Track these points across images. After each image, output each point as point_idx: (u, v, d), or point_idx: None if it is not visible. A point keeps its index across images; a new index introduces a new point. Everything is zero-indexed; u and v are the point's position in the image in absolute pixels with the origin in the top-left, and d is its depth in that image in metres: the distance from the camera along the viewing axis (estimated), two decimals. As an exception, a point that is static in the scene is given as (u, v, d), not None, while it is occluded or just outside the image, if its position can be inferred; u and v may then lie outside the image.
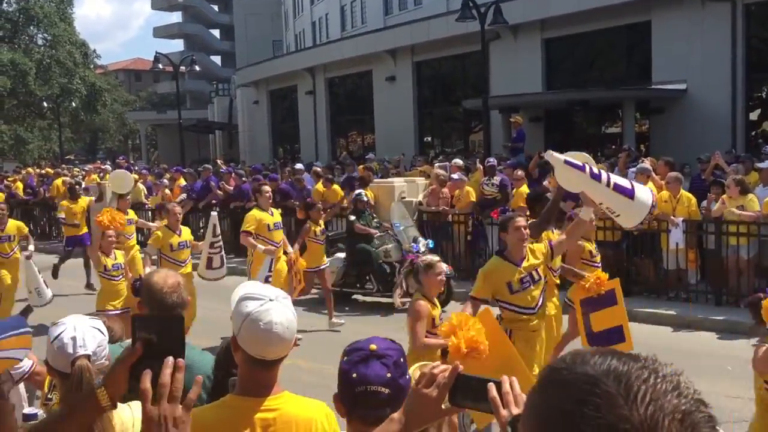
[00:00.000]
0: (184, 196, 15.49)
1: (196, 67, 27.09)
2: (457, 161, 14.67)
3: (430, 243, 11.09)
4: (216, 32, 67.06)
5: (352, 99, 30.36)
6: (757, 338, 4.48)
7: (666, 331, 9.07)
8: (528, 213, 6.97)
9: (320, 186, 14.33)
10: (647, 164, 11.07)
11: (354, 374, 1.94)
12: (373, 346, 1.97)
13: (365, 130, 29.66)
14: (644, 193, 4.96)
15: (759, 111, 19.18)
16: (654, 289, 10.50)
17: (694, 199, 10.24)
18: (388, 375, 1.94)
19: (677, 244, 9.91)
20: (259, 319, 2.10)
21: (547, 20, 20.80)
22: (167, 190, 15.95)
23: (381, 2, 35.00)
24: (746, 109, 18.21)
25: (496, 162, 12.99)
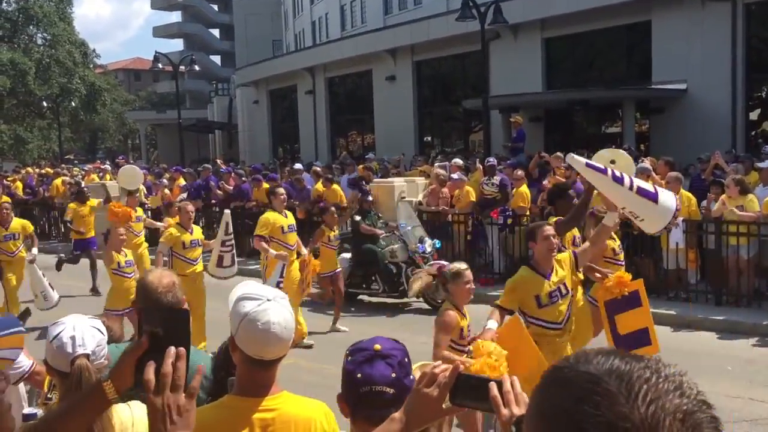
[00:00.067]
0: (184, 195, 15.48)
1: (196, 67, 27.08)
2: (457, 161, 14.67)
3: (437, 243, 11.04)
4: (216, 32, 67.06)
5: (351, 99, 30.37)
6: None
7: (666, 331, 9.05)
8: (551, 208, 6.88)
9: (320, 186, 14.32)
10: (647, 164, 11.06)
11: (359, 374, 1.93)
12: (377, 346, 1.97)
13: (365, 130, 29.66)
14: (668, 198, 4.80)
15: (759, 111, 19.19)
16: (654, 288, 10.43)
17: (694, 199, 10.24)
18: (393, 375, 1.93)
19: (677, 243, 9.91)
20: (256, 319, 2.10)
21: (547, 20, 20.81)
22: (167, 190, 15.94)
23: (381, 2, 34.98)
24: (746, 108, 18.22)
25: (496, 162, 12.98)
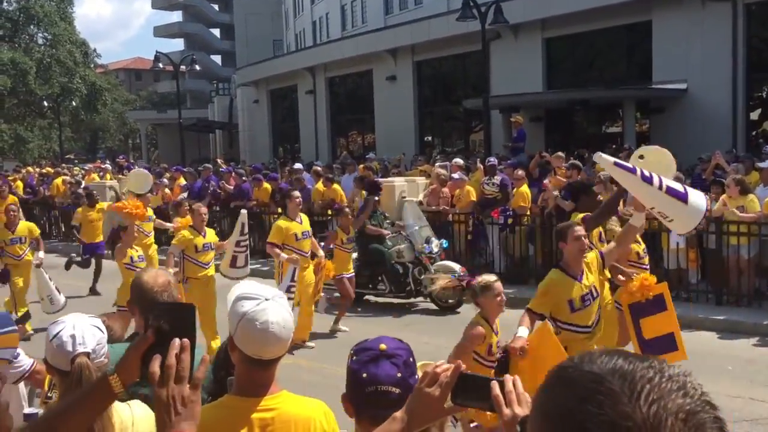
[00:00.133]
0: (185, 195, 15.48)
1: (197, 67, 27.09)
2: (458, 161, 14.67)
3: (444, 243, 10.98)
4: (216, 32, 67.08)
5: (352, 98, 30.36)
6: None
7: (666, 330, 9.05)
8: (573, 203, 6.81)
9: (320, 185, 14.31)
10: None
11: (364, 374, 1.93)
12: (382, 346, 1.96)
13: (365, 130, 29.66)
14: (698, 198, 4.68)
15: (759, 111, 19.19)
16: (654, 288, 10.48)
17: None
18: (399, 375, 1.93)
19: (678, 243, 9.91)
20: (255, 318, 2.09)
21: (547, 20, 20.80)
22: (167, 190, 15.94)
23: (381, 2, 34.97)
24: (747, 108, 18.21)
25: (496, 161, 12.98)
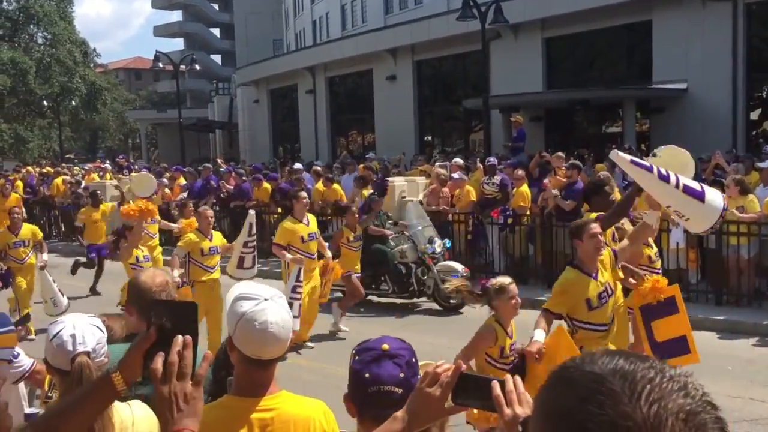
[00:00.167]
0: (185, 195, 15.48)
1: (197, 66, 27.10)
2: (458, 160, 14.66)
3: (447, 243, 10.96)
4: (216, 31, 67.08)
5: (352, 98, 30.36)
6: None
7: (666, 330, 9.05)
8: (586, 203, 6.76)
9: (320, 185, 14.31)
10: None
11: (367, 374, 1.92)
12: (385, 346, 1.96)
13: (365, 130, 29.66)
14: (715, 196, 4.61)
15: (759, 110, 19.19)
16: (654, 288, 10.47)
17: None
18: (401, 375, 1.93)
19: (678, 243, 9.90)
20: (254, 319, 2.09)
21: (547, 19, 20.80)
22: (167, 189, 15.94)
23: (381, 1, 34.97)
24: (747, 108, 18.22)
25: (496, 161, 12.98)
